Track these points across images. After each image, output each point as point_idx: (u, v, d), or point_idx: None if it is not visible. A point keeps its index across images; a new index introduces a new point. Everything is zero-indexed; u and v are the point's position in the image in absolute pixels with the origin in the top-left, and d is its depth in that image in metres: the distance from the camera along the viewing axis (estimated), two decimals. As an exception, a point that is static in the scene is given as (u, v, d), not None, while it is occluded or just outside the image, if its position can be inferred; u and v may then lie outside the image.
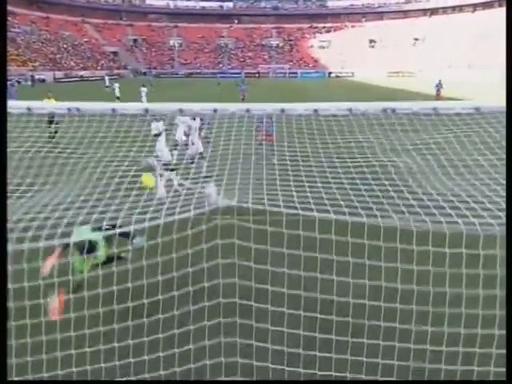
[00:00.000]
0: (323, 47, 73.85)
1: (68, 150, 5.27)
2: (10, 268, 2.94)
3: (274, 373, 3.11)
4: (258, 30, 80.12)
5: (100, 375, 3.19)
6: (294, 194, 3.27)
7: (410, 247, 3.11)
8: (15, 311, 3.08)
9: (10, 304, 3.03)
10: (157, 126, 11.50)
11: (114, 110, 2.76)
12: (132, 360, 3.14)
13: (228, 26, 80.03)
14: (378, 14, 76.78)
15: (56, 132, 13.12)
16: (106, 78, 39.81)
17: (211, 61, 71.93)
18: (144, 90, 24.28)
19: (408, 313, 3.14)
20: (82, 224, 3.70)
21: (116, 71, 60.24)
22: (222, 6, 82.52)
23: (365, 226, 2.96)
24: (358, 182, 3.98)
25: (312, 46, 75.23)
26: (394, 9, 76.02)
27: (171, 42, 74.43)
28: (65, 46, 63.31)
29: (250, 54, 75.12)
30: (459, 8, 67.99)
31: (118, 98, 25.61)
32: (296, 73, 64.67)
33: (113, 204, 3.66)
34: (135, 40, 74.67)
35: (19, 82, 40.15)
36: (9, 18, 60.03)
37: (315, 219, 2.86)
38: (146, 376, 3.12)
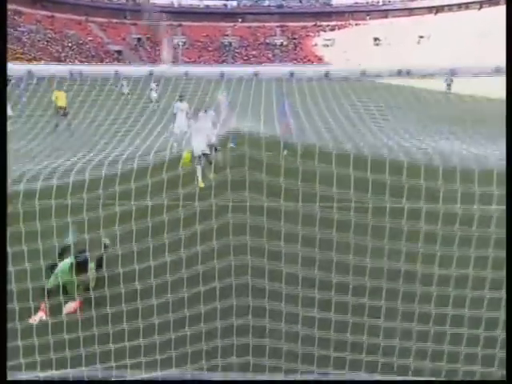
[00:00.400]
0: (327, 45, 73.59)
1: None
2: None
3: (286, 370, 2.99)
4: (262, 28, 79.98)
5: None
6: (307, 128, 3.19)
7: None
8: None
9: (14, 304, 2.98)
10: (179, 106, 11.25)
11: (117, 73, 2.65)
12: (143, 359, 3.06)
13: (232, 24, 79.95)
14: (383, 12, 76.40)
15: (70, 125, 13.03)
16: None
17: (215, 59, 71.90)
18: (154, 85, 24.59)
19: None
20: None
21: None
22: (226, 5, 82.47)
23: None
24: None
25: (316, 45, 74.98)
26: (398, 6, 75.61)
27: (175, 41, 74.47)
28: (69, 44, 63.51)
29: (254, 52, 75.00)
30: (465, 5, 67.50)
31: (122, 93, 25.79)
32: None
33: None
34: (139, 39, 74.78)
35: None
36: (14, 17, 60.32)
37: (332, 152, 2.80)
38: (159, 374, 3.02)
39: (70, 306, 4.42)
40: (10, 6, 59.71)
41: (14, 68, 2.67)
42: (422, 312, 3.05)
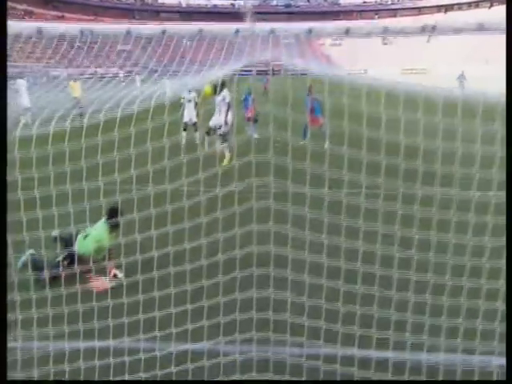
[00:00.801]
0: (335, 45, 73.28)
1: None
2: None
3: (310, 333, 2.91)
4: (269, 27, 79.90)
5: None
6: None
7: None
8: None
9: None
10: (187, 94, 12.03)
11: (128, 32, 2.63)
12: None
13: (240, 24, 79.97)
14: (392, 11, 75.86)
15: (81, 115, 13.40)
16: (121, 73, 40.37)
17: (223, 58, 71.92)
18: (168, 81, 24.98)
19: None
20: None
21: (128, 68, 60.74)
22: (233, 5, 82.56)
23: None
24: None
25: (324, 44, 74.66)
26: (407, 5, 75.03)
27: (183, 40, 74.71)
28: (79, 44, 63.97)
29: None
30: (475, 4, 66.76)
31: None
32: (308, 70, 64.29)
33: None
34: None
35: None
36: (25, 17, 60.95)
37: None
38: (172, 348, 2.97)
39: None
40: (21, 6, 60.38)
41: (22, 26, 2.59)
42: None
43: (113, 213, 4.49)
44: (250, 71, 12.50)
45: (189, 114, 11.70)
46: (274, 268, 2.97)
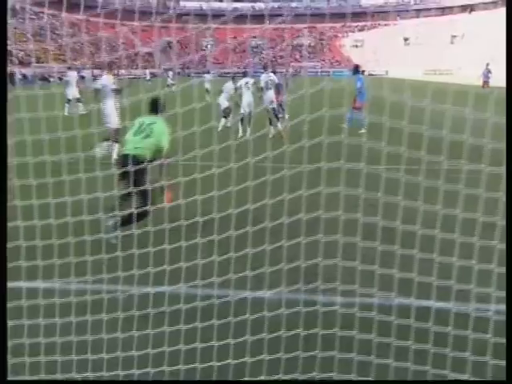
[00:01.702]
0: (356, 46, 72.78)
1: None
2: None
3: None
4: (289, 29, 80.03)
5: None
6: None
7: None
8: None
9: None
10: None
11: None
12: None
13: (260, 26, 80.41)
14: (414, 12, 74.82)
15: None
16: (147, 71, 41.48)
17: (243, 61, 72.48)
18: (208, 76, 25.40)
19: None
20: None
21: (151, 70, 61.81)
22: (253, 7, 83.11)
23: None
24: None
25: (344, 45, 74.27)
26: (430, 6, 73.83)
27: (204, 43, 75.64)
28: (103, 46, 65.75)
29: (281, 53, 75.14)
30: (501, 3, 65.13)
31: (168, 85, 26.94)
32: (328, 71, 64.05)
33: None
34: (169, 41, 76.44)
35: (60, 79, 42.39)
36: (53, 21, 62.92)
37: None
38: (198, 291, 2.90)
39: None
40: (48, 11, 62.29)
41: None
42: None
43: (155, 104, 4.23)
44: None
45: (223, 101, 12.74)
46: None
